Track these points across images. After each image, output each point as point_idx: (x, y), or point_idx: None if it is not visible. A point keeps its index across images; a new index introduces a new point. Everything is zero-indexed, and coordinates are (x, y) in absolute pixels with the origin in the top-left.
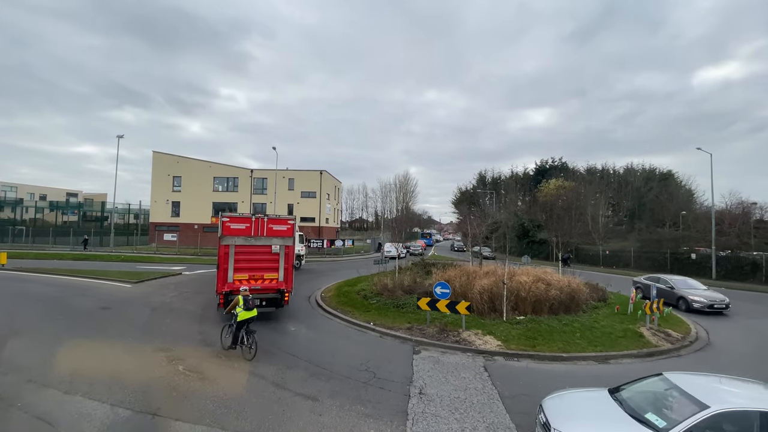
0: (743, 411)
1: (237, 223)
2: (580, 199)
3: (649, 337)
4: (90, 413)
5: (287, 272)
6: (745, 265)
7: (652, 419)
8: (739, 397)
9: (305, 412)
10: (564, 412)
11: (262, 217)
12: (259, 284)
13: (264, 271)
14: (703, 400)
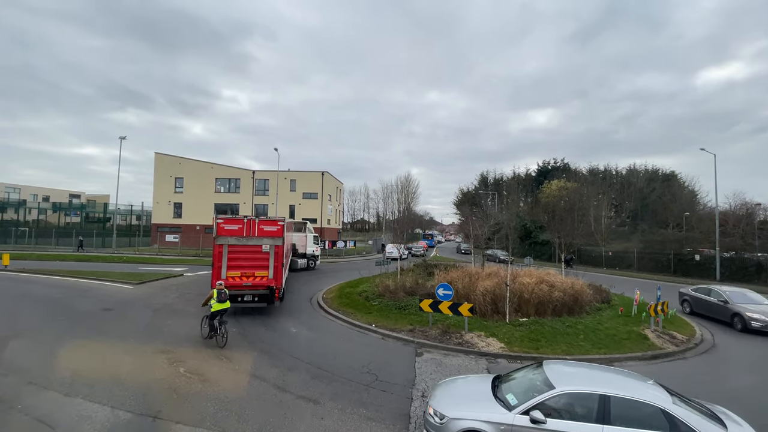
0: (582, 392)
1: (230, 224)
2: (582, 200)
3: (653, 339)
4: (90, 416)
5: (277, 270)
6: (749, 266)
7: (508, 398)
8: (585, 383)
9: (307, 415)
10: (443, 394)
11: (253, 218)
12: (251, 281)
13: (255, 269)
14: (553, 382)
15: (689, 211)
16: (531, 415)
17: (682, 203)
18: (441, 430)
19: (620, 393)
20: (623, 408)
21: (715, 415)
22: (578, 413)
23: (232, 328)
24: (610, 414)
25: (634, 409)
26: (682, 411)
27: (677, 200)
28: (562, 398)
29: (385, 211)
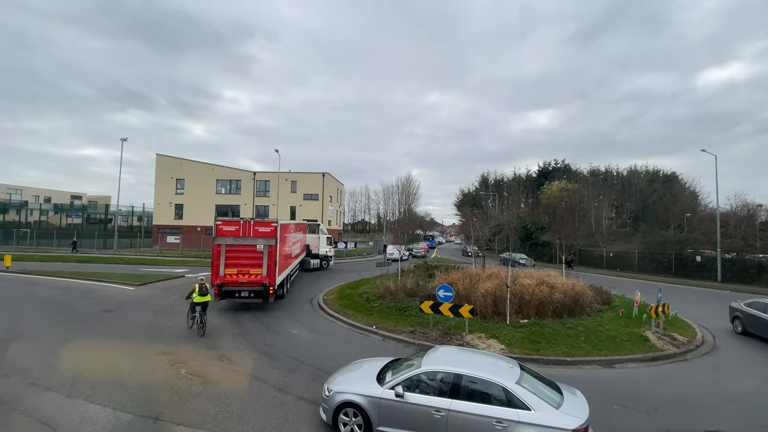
0: (440, 371)
1: (228, 225)
2: (583, 201)
3: (654, 341)
4: (92, 417)
5: (270, 269)
6: (750, 267)
7: (386, 376)
8: (448, 364)
9: (308, 417)
10: (341, 373)
11: (250, 220)
12: (246, 278)
13: (250, 267)
14: (422, 363)
15: (690, 212)
16: (394, 389)
17: (683, 204)
18: (327, 402)
19: (472, 373)
20: (471, 386)
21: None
22: (435, 389)
23: (233, 329)
24: (460, 390)
25: (482, 386)
26: (521, 389)
27: (678, 201)
28: (424, 376)
29: (385, 213)
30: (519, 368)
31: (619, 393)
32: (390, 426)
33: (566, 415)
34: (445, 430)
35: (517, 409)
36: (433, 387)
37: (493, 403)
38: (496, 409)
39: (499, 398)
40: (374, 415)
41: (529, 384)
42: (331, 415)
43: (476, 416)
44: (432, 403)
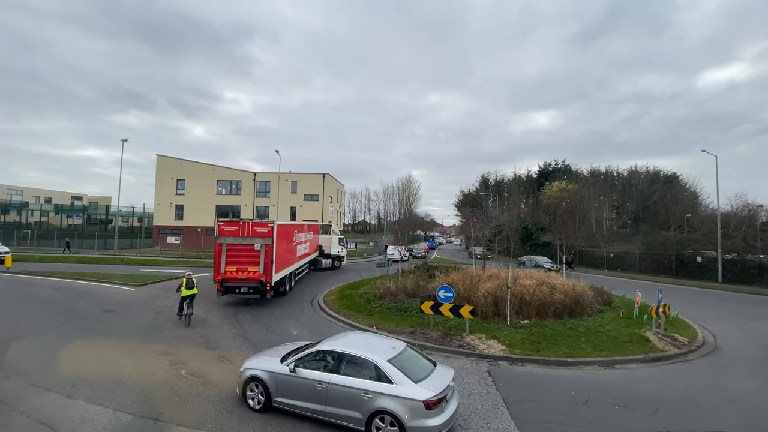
0: (326, 350)
1: (229, 226)
2: (583, 202)
3: (655, 341)
4: (92, 418)
5: (267, 266)
6: (751, 268)
7: (290, 357)
8: (337, 345)
9: (308, 418)
10: (255, 356)
11: (248, 221)
12: (244, 275)
13: (248, 265)
14: (318, 345)
15: (691, 213)
16: (289, 366)
17: (683, 205)
18: (239, 378)
19: (353, 352)
20: (351, 363)
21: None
22: (322, 365)
23: (233, 330)
24: (341, 366)
25: (359, 364)
26: (389, 366)
27: (679, 202)
28: (315, 355)
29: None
30: (401, 349)
31: (619, 394)
32: (284, 397)
33: (421, 389)
34: (325, 399)
35: (382, 382)
36: (321, 364)
37: (364, 377)
38: (366, 382)
39: (371, 373)
40: (273, 388)
41: (403, 362)
42: (241, 388)
43: (349, 388)
44: (317, 377)
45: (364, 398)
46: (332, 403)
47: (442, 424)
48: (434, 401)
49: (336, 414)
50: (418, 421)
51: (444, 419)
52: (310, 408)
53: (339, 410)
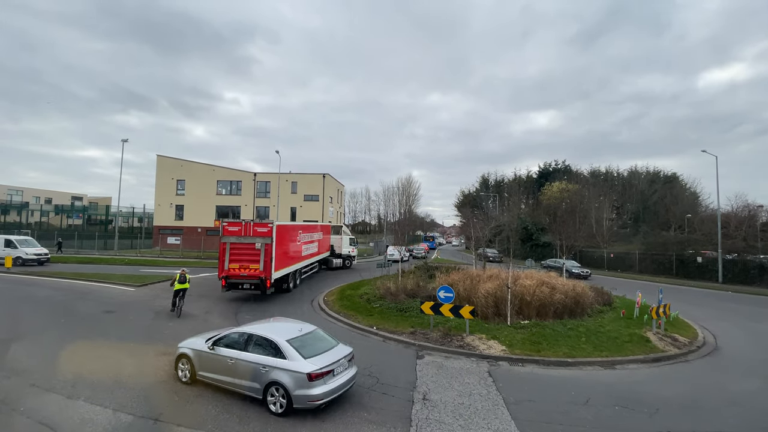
0: (240, 332)
1: (232, 226)
2: (583, 202)
3: (655, 342)
4: (92, 418)
5: (266, 264)
6: (751, 268)
7: (212, 335)
8: (250, 328)
9: (308, 419)
10: (191, 338)
11: (250, 221)
12: (246, 272)
13: (249, 263)
14: (236, 328)
15: (691, 213)
16: (208, 344)
17: (684, 205)
18: (174, 356)
19: (260, 333)
20: (257, 342)
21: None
22: (235, 344)
23: None
24: (249, 345)
25: (263, 342)
26: (285, 344)
27: (679, 202)
28: (230, 336)
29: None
30: (307, 331)
31: (620, 394)
32: (205, 371)
33: (308, 364)
34: (234, 373)
35: (278, 358)
36: (234, 343)
37: (266, 354)
38: (266, 358)
39: (270, 351)
40: (197, 363)
41: (303, 342)
42: (174, 365)
43: (252, 363)
44: (229, 354)
45: (262, 371)
46: (239, 375)
47: (323, 393)
48: (317, 374)
49: (242, 385)
50: (301, 390)
51: (326, 389)
52: (223, 380)
53: (244, 382)
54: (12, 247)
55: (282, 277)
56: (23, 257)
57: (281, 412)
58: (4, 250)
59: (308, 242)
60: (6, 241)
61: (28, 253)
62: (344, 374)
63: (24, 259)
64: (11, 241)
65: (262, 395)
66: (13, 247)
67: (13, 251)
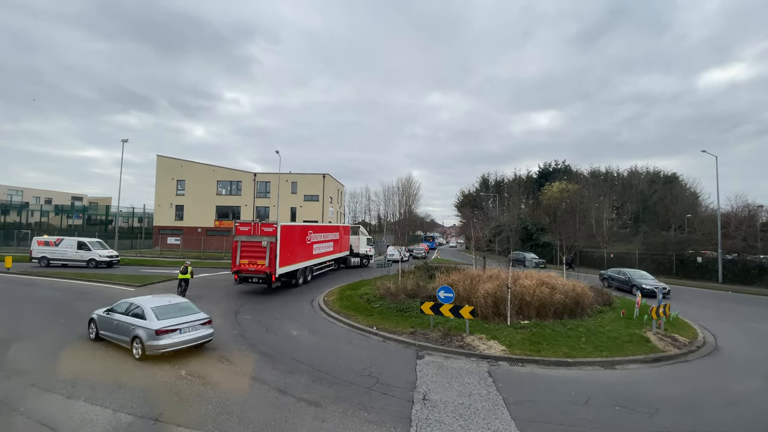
0: (127, 302)
1: (243, 226)
2: (583, 202)
3: (655, 342)
4: (92, 418)
5: (271, 260)
6: (751, 268)
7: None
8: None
9: (308, 418)
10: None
11: (259, 222)
12: (254, 267)
13: (257, 259)
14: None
15: (691, 213)
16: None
17: (683, 205)
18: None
19: (137, 302)
20: (134, 309)
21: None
22: (123, 311)
23: (233, 330)
24: (129, 311)
25: (137, 309)
26: (149, 310)
27: (679, 202)
28: (120, 304)
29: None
30: (176, 302)
31: (620, 394)
32: (102, 330)
33: (158, 323)
34: (117, 330)
35: (141, 319)
36: (121, 310)
37: (136, 316)
38: (135, 319)
39: (139, 314)
40: (99, 324)
41: (166, 309)
42: (86, 326)
43: (126, 323)
44: (115, 317)
45: (131, 329)
46: (119, 332)
47: (166, 344)
48: (161, 330)
49: (120, 339)
50: (151, 341)
51: (170, 342)
52: (111, 335)
53: (121, 336)
54: (85, 249)
55: (289, 273)
56: (96, 259)
57: (138, 357)
58: (78, 252)
59: (321, 242)
60: (79, 244)
61: (101, 255)
62: (192, 333)
63: (97, 261)
64: (84, 244)
65: (129, 345)
66: (86, 249)
67: (86, 253)
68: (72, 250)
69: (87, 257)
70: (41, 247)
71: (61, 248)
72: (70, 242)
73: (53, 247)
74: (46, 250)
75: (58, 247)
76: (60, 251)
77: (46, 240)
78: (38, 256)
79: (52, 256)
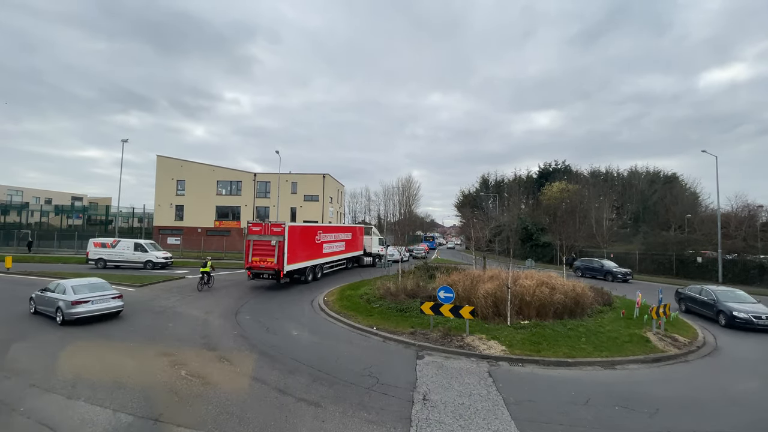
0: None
1: (255, 227)
2: (583, 202)
3: (655, 342)
4: (92, 418)
5: (279, 258)
6: (751, 268)
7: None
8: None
9: (308, 419)
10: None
11: (269, 223)
12: (264, 264)
13: (267, 256)
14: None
15: (691, 213)
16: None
17: (683, 205)
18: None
19: (63, 283)
20: (60, 287)
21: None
22: (52, 289)
23: (233, 330)
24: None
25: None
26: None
27: (679, 202)
28: (50, 285)
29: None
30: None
31: (620, 394)
32: (38, 305)
33: (74, 296)
34: (47, 303)
35: (62, 294)
36: (51, 288)
37: (60, 293)
38: (59, 294)
39: (62, 291)
40: (36, 301)
41: (86, 287)
42: (28, 303)
43: (53, 298)
44: (46, 295)
45: (56, 301)
46: (48, 305)
47: (79, 312)
48: (75, 302)
49: (47, 310)
50: (68, 310)
51: (82, 310)
52: (43, 309)
53: (48, 308)
54: (142, 250)
55: (297, 270)
56: (153, 260)
57: (60, 322)
58: (135, 254)
59: (331, 241)
60: (136, 245)
61: (158, 257)
62: (102, 304)
63: (154, 263)
64: (141, 245)
65: (54, 314)
66: (143, 250)
67: (144, 254)
68: (129, 251)
69: (144, 258)
70: (98, 249)
71: (118, 250)
72: (126, 244)
73: (110, 249)
74: (103, 252)
75: (115, 249)
76: (117, 253)
77: (103, 242)
78: (95, 258)
79: (109, 257)
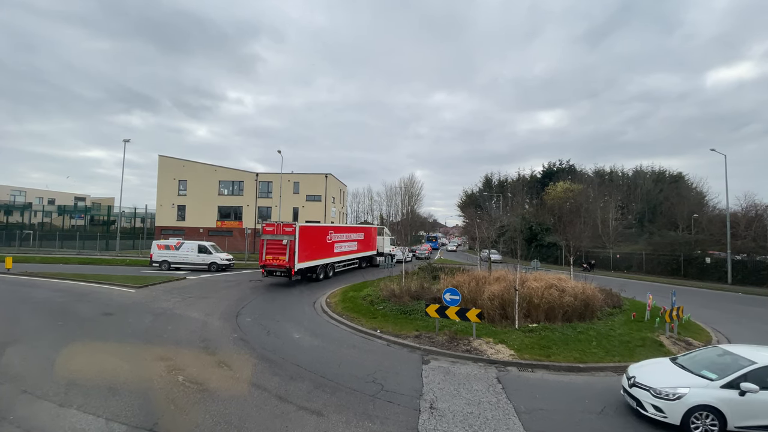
0: None
1: (269, 227)
2: (588, 202)
3: (669, 345)
4: (84, 428)
5: (290, 256)
6: (762, 269)
7: None
8: None
9: (309, 428)
10: None
11: (281, 223)
12: (276, 262)
13: (279, 255)
14: None
15: (697, 213)
16: None
17: (690, 205)
18: None
19: None
20: None
21: None
22: None
23: (233, 333)
24: None
25: None
26: None
27: (685, 202)
28: None
29: (388, 214)
30: None
31: None
32: None
33: None
34: None
35: None
36: None
37: None
38: None
39: None
40: None
41: None
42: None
43: None
44: None
45: None
46: None
47: None
48: None
49: None
50: None
51: None
52: None
53: None
54: (206, 252)
55: (309, 268)
56: (218, 262)
57: None
58: (199, 256)
59: (343, 241)
60: (200, 247)
61: (222, 259)
62: None
63: (218, 265)
64: (206, 248)
65: None
66: (207, 252)
67: (208, 257)
68: (193, 254)
69: (209, 261)
70: (162, 251)
71: (182, 252)
72: (190, 246)
73: (174, 251)
74: (167, 254)
75: (179, 251)
76: (181, 255)
77: (167, 244)
78: (159, 260)
79: (173, 260)
